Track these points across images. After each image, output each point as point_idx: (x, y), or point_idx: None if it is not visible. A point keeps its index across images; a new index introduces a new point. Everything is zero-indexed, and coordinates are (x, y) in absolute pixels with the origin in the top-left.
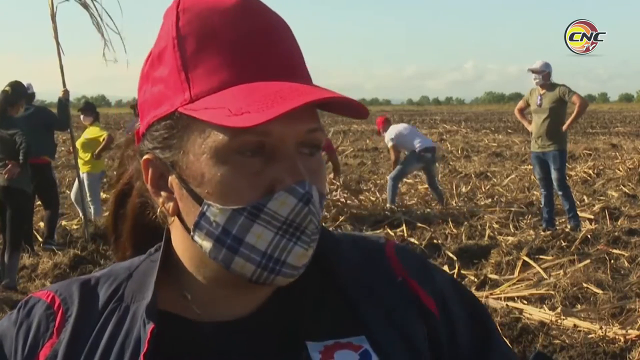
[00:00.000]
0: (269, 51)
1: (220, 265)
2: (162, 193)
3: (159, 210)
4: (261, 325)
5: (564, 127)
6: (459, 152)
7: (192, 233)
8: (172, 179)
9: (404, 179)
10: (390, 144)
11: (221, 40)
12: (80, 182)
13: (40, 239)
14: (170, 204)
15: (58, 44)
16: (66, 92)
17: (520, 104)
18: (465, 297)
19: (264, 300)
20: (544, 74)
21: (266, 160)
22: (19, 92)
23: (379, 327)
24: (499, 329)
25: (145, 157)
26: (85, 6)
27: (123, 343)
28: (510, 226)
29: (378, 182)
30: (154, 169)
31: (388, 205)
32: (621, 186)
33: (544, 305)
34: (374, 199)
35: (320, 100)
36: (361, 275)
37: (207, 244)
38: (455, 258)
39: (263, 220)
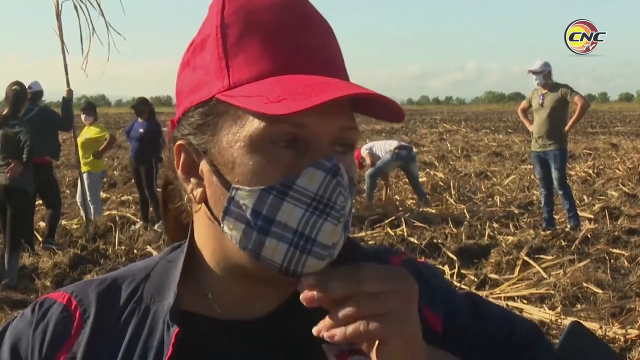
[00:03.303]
0: (311, 46)
1: (248, 256)
2: (192, 179)
3: (185, 197)
4: (280, 325)
5: (566, 129)
6: (459, 151)
7: (221, 223)
8: (203, 165)
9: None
10: (365, 152)
11: (264, 31)
12: (82, 182)
13: (40, 239)
14: (199, 190)
15: (63, 42)
16: (70, 92)
17: (524, 104)
18: (481, 308)
19: (282, 301)
20: (545, 73)
21: (298, 154)
22: (24, 91)
23: None
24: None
25: (178, 142)
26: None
27: (145, 345)
28: (510, 226)
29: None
30: (185, 154)
31: (365, 202)
32: (621, 186)
33: (544, 305)
34: None
35: (359, 95)
36: None
37: (236, 233)
38: (455, 258)
39: (292, 197)
